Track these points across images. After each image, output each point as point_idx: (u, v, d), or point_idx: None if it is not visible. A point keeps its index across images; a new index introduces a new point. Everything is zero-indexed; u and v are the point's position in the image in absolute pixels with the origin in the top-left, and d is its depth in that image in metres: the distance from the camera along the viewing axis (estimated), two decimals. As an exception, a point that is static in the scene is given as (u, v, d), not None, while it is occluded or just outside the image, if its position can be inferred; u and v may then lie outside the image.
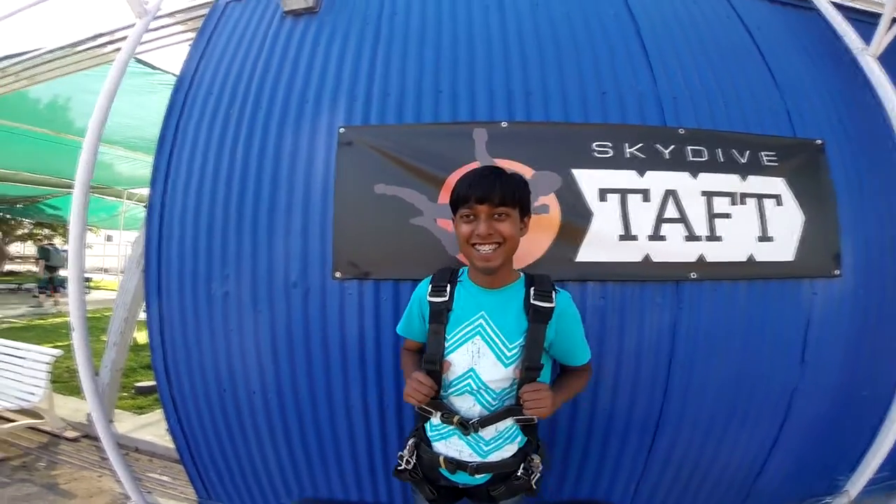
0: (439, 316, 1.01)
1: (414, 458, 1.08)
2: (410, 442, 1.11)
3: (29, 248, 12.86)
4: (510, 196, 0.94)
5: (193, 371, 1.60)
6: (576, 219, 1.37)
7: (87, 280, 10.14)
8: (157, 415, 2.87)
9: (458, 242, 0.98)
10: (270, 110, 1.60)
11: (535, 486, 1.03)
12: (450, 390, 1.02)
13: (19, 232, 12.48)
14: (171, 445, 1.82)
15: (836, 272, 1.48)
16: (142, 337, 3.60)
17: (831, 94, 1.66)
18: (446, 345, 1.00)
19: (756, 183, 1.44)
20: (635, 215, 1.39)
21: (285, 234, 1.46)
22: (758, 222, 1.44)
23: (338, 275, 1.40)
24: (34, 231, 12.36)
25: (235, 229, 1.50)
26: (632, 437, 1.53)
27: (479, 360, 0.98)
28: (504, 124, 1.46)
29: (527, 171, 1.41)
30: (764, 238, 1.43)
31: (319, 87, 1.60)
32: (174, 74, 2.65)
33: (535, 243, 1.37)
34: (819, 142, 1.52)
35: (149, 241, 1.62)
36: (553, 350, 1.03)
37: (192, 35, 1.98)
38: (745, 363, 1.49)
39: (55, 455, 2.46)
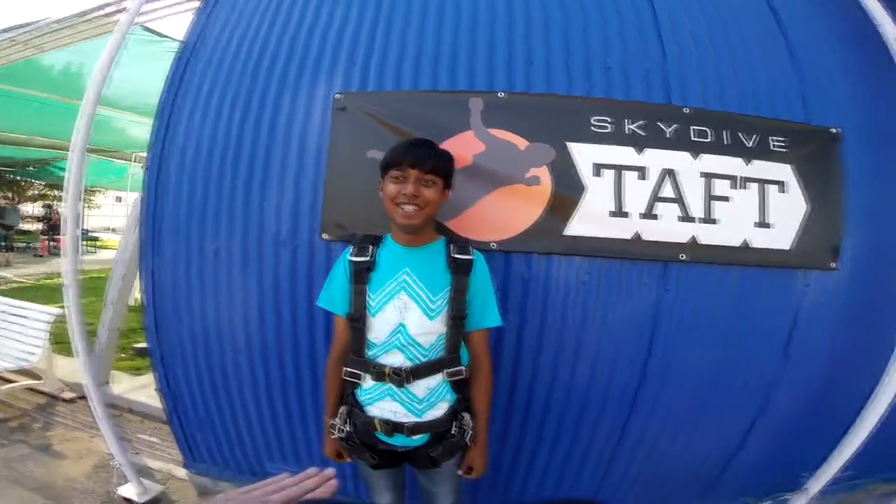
0: (361, 276, 1.05)
1: (347, 425, 1.10)
2: (342, 409, 1.13)
3: (38, 210, 13.08)
4: (440, 166, 1.03)
5: (181, 329, 1.62)
6: (567, 192, 1.36)
7: (95, 239, 10.45)
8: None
9: (384, 202, 1.04)
10: (270, 75, 1.58)
11: (470, 444, 1.11)
12: (377, 348, 1.05)
13: (30, 193, 12.72)
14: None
15: (833, 265, 1.44)
16: (142, 298, 3.62)
17: (854, 84, 1.59)
18: (372, 303, 1.04)
19: (761, 168, 1.40)
20: (630, 192, 1.36)
21: (278, 195, 1.46)
22: (757, 208, 1.40)
23: (325, 236, 1.41)
24: (44, 192, 12.58)
25: (229, 188, 1.50)
26: (606, 418, 1.53)
27: (407, 315, 1.02)
28: (501, 94, 1.43)
29: (521, 143, 1.39)
30: (762, 224, 1.39)
31: (319, 52, 1.58)
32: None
33: (523, 214, 1.35)
34: (834, 131, 1.46)
35: (146, 198, 1.63)
36: (470, 305, 1.06)
37: (198, 2, 1.98)
38: (726, 352, 1.47)
39: (51, 416, 2.52)
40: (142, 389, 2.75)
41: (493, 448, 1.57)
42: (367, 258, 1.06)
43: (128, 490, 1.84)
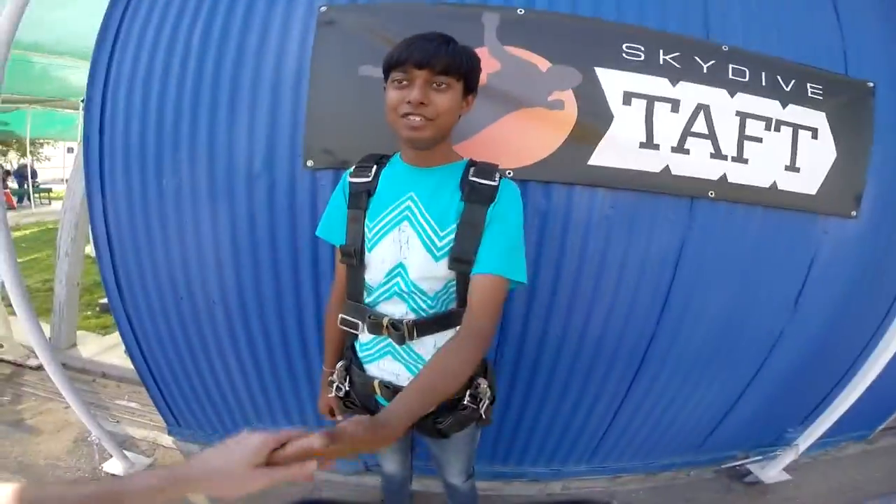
0: (359, 199, 0.85)
1: (346, 383, 0.95)
2: (340, 365, 0.98)
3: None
4: (456, 63, 0.75)
5: (147, 280, 1.43)
6: (594, 120, 1.21)
7: (48, 191, 9.78)
8: (124, 334, 2.72)
9: (386, 113, 0.79)
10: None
11: (485, 416, 0.91)
12: (376, 293, 0.87)
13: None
14: (140, 368, 1.70)
15: (854, 213, 1.42)
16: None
17: (891, 41, 1.49)
18: (369, 234, 0.84)
19: (796, 112, 1.33)
20: (661, 125, 1.23)
21: (249, 119, 1.22)
22: (789, 151, 1.34)
23: (309, 163, 1.21)
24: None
25: (190, 113, 1.25)
26: (615, 371, 1.49)
27: (409, 253, 0.82)
28: (521, 11, 1.23)
29: (542, 64, 1.21)
30: (791, 168, 1.34)
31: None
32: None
33: (543, 141, 1.20)
34: (871, 84, 1.40)
35: (89, 137, 1.35)
36: (485, 243, 0.80)
37: None
38: (741, 299, 1.44)
39: (19, 388, 2.28)
40: (113, 350, 2.53)
41: (499, 402, 1.51)
42: (368, 178, 0.86)
43: (113, 466, 1.70)
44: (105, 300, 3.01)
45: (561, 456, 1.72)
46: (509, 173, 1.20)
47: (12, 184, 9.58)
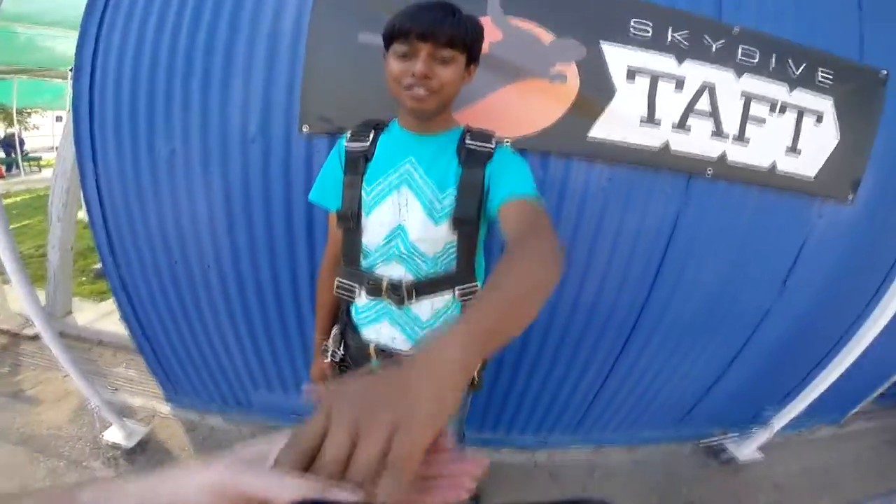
0: (356, 165, 0.85)
1: (342, 348, 0.97)
2: (335, 330, 0.99)
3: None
4: (460, 35, 0.73)
5: (140, 244, 1.42)
6: (596, 94, 1.20)
7: (38, 159, 9.63)
8: (120, 301, 2.70)
9: (388, 81, 0.78)
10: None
11: (477, 379, 0.93)
12: (374, 257, 0.87)
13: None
14: (137, 335, 1.70)
15: (850, 198, 1.44)
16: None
17: None
18: (366, 199, 0.84)
19: (802, 97, 1.32)
20: (663, 102, 1.22)
21: (243, 83, 1.19)
22: (791, 135, 1.34)
23: (305, 129, 1.19)
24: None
25: (182, 78, 1.21)
26: (605, 341, 1.53)
27: (408, 215, 0.83)
28: (526, -21, 1.18)
29: (545, 36, 1.17)
30: (792, 150, 1.35)
31: None
32: None
33: (543, 112, 1.20)
34: (884, 72, 1.38)
35: (78, 104, 1.30)
36: (489, 197, 0.80)
37: None
38: (732, 276, 1.47)
39: (17, 357, 2.25)
40: (109, 317, 2.52)
41: (490, 370, 1.55)
42: (366, 144, 0.85)
43: (113, 434, 1.70)
44: (99, 265, 2.99)
45: (548, 425, 1.78)
46: (507, 141, 1.19)
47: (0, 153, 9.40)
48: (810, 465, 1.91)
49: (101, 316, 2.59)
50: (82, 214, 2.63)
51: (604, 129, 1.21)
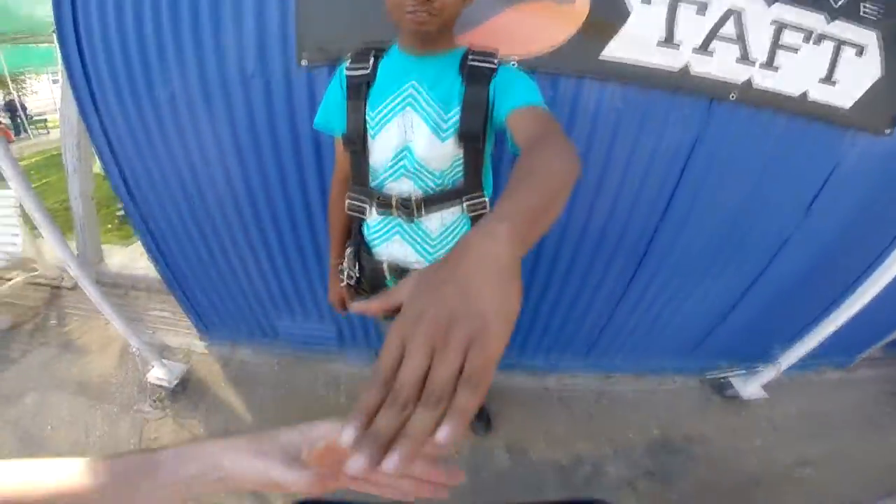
0: (358, 91, 0.84)
1: (356, 269, 0.99)
2: (349, 250, 1.01)
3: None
4: None
5: (156, 183, 1.46)
6: (608, 15, 1.10)
7: (44, 121, 9.75)
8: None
9: (387, 5, 0.75)
10: None
11: None
12: (383, 175, 0.88)
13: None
14: (165, 275, 1.78)
15: (888, 131, 1.33)
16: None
17: None
18: (371, 122, 0.85)
19: (843, 28, 1.19)
20: (684, 25, 1.12)
21: (234, 20, 1.13)
22: (827, 65, 1.22)
23: (304, 62, 1.15)
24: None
25: (171, 24, 1.16)
26: (616, 265, 1.52)
27: (414, 135, 0.83)
28: None
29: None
30: (826, 80, 1.23)
31: None
32: None
33: (551, 33, 1.12)
34: None
35: (70, 65, 1.26)
36: (496, 110, 0.79)
37: None
38: (751, 202, 1.41)
39: (62, 309, 2.37)
40: (139, 260, 2.61)
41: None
42: (366, 70, 0.84)
43: (156, 374, 1.79)
44: (122, 211, 3.05)
45: (558, 349, 1.83)
46: (514, 62, 1.12)
47: (4, 119, 9.45)
48: (810, 410, 1.90)
49: (131, 259, 2.69)
50: (98, 169, 2.66)
51: (617, 50, 1.13)
